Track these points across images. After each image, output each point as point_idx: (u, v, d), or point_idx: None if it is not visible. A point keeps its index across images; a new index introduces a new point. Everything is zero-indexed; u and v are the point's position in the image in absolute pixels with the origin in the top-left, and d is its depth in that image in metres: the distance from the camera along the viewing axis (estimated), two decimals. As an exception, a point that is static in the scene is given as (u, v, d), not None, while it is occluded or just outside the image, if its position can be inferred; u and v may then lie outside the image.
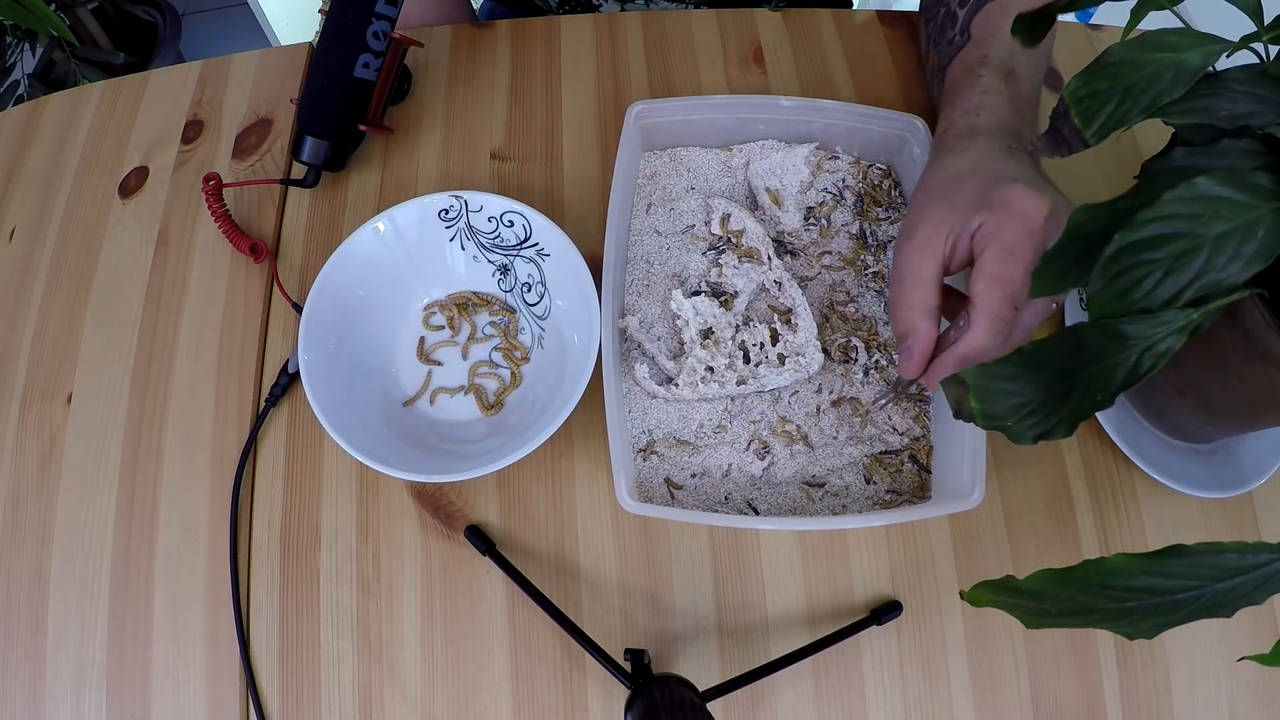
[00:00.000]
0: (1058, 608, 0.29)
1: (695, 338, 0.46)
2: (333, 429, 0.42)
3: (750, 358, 0.45)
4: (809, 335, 0.46)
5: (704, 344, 0.46)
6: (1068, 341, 0.30)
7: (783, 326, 0.46)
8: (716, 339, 0.46)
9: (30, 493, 0.48)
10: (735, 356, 0.45)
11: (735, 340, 0.45)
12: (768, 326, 0.46)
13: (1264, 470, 0.45)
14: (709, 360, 0.45)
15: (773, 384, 0.45)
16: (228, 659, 0.44)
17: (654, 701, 0.36)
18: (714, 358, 0.45)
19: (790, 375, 0.45)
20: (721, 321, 0.46)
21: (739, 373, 0.45)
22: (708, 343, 0.46)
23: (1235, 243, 0.28)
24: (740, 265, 0.48)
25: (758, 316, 0.47)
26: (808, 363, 0.45)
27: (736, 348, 0.46)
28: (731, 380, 0.45)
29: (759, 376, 0.45)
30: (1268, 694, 0.43)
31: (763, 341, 0.46)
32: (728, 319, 0.46)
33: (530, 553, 0.45)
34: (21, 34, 1.30)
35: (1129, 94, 0.30)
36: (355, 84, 0.50)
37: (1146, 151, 0.55)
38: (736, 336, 0.45)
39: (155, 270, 0.53)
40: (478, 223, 0.49)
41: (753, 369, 0.45)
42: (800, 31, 0.60)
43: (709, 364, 0.45)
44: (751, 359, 0.45)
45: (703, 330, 0.46)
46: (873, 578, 0.45)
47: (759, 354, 0.45)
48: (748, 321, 0.46)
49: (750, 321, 0.46)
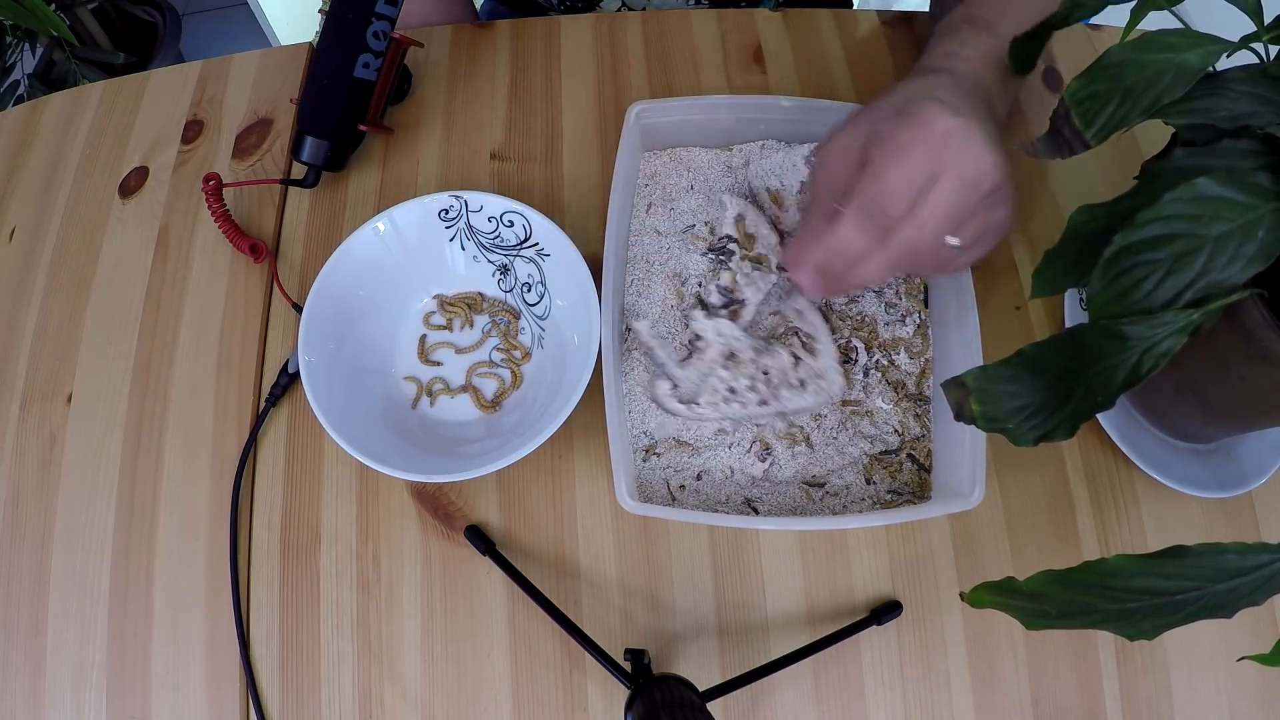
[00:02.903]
0: (1058, 609, 0.29)
1: (717, 359, 0.45)
2: (333, 429, 0.42)
3: (772, 379, 0.45)
4: (830, 360, 0.46)
5: (725, 365, 0.45)
6: (1068, 343, 0.30)
7: (803, 351, 0.46)
8: (739, 360, 0.46)
9: (30, 493, 0.48)
10: (757, 378, 0.45)
11: (757, 363, 0.45)
12: (788, 351, 0.46)
13: (1264, 470, 0.45)
14: (731, 381, 0.45)
15: (794, 406, 0.45)
16: (228, 659, 0.44)
17: (654, 701, 0.36)
18: (736, 379, 0.45)
19: (812, 399, 0.45)
20: (743, 344, 0.46)
21: (761, 394, 0.45)
22: (730, 363, 0.45)
23: (1235, 243, 0.28)
24: (750, 273, 0.47)
25: (774, 335, 0.47)
26: (828, 385, 0.45)
27: (758, 370, 0.45)
28: (754, 401, 0.45)
29: (781, 399, 0.45)
30: (1268, 694, 0.43)
31: (784, 367, 0.46)
32: (749, 341, 0.46)
33: (530, 553, 0.45)
34: (21, 34, 1.30)
35: (1129, 95, 0.30)
36: (355, 84, 0.50)
37: (1146, 152, 0.55)
38: (759, 360, 0.45)
39: (155, 270, 0.53)
40: (478, 223, 0.49)
41: (774, 390, 0.45)
42: (800, 31, 0.60)
43: (731, 384, 0.45)
44: (773, 381, 0.45)
45: (724, 352, 0.46)
46: (873, 578, 0.45)
47: (780, 377, 0.45)
48: (769, 344, 0.46)
49: (771, 344, 0.46)
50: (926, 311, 0.48)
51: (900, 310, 0.48)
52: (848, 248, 0.38)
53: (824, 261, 0.39)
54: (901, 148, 0.37)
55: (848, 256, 0.38)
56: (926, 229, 0.37)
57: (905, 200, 0.36)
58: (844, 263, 0.39)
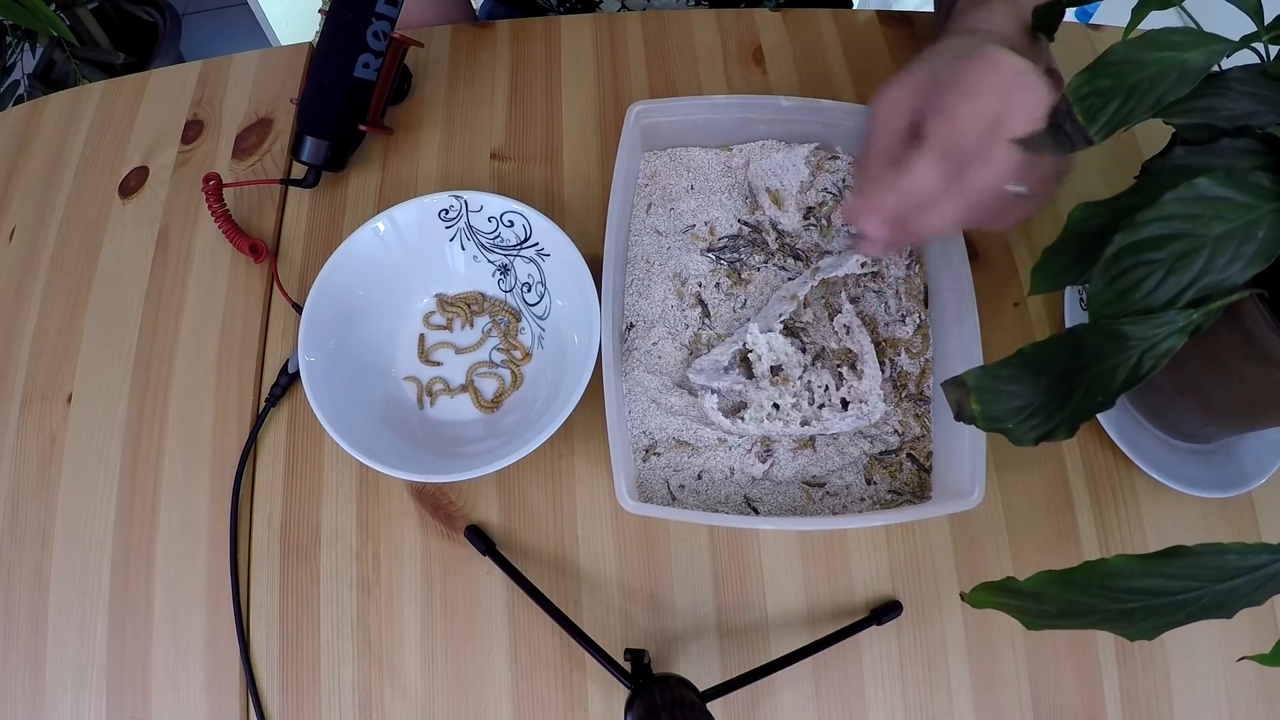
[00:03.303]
0: (1058, 609, 0.29)
1: (765, 373, 0.45)
2: (333, 429, 0.42)
3: (815, 399, 0.45)
4: (873, 383, 0.45)
5: (773, 380, 0.45)
6: (1068, 343, 0.30)
7: (848, 371, 0.46)
8: (785, 376, 0.45)
9: (30, 493, 0.48)
10: (801, 396, 0.45)
11: (802, 380, 0.45)
12: (833, 371, 0.46)
13: (1264, 470, 0.45)
14: (776, 398, 0.45)
15: (834, 428, 0.45)
16: (228, 659, 0.44)
17: (654, 701, 0.36)
18: (781, 395, 0.45)
19: (852, 422, 0.45)
20: (792, 360, 0.45)
21: (803, 413, 0.45)
22: (776, 379, 0.45)
23: (1235, 243, 0.28)
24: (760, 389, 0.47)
25: (819, 355, 0.47)
26: (870, 410, 0.45)
27: (803, 388, 0.45)
28: (796, 420, 0.44)
29: (822, 419, 0.45)
30: (1268, 694, 0.43)
31: (827, 384, 0.45)
32: (797, 358, 0.46)
33: (530, 553, 0.45)
34: (21, 34, 1.30)
35: (1133, 93, 0.30)
36: (355, 84, 0.50)
37: (1146, 151, 0.55)
38: (803, 376, 0.45)
39: (155, 270, 0.53)
40: (478, 223, 0.49)
41: (816, 410, 0.45)
42: (800, 31, 0.60)
43: (776, 401, 0.45)
44: (816, 400, 0.45)
45: (773, 366, 0.45)
46: (873, 578, 0.45)
47: (823, 395, 0.45)
48: (815, 362, 0.46)
49: (818, 363, 0.46)
50: (926, 311, 0.48)
51: (900, 310, 0.48)
52: (921, 189, 0.37)
53: (895, 206, 0.38)
54: (975, 87, 0.36)
55: (920, 198, 0.38)
56: (1001, 167, 0.36)
57: (979, 138, 0.36)
58: (916, 206, 0.38)
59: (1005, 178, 0.37)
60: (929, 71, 0.39)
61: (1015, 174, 0.37)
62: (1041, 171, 0.38)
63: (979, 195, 0.37)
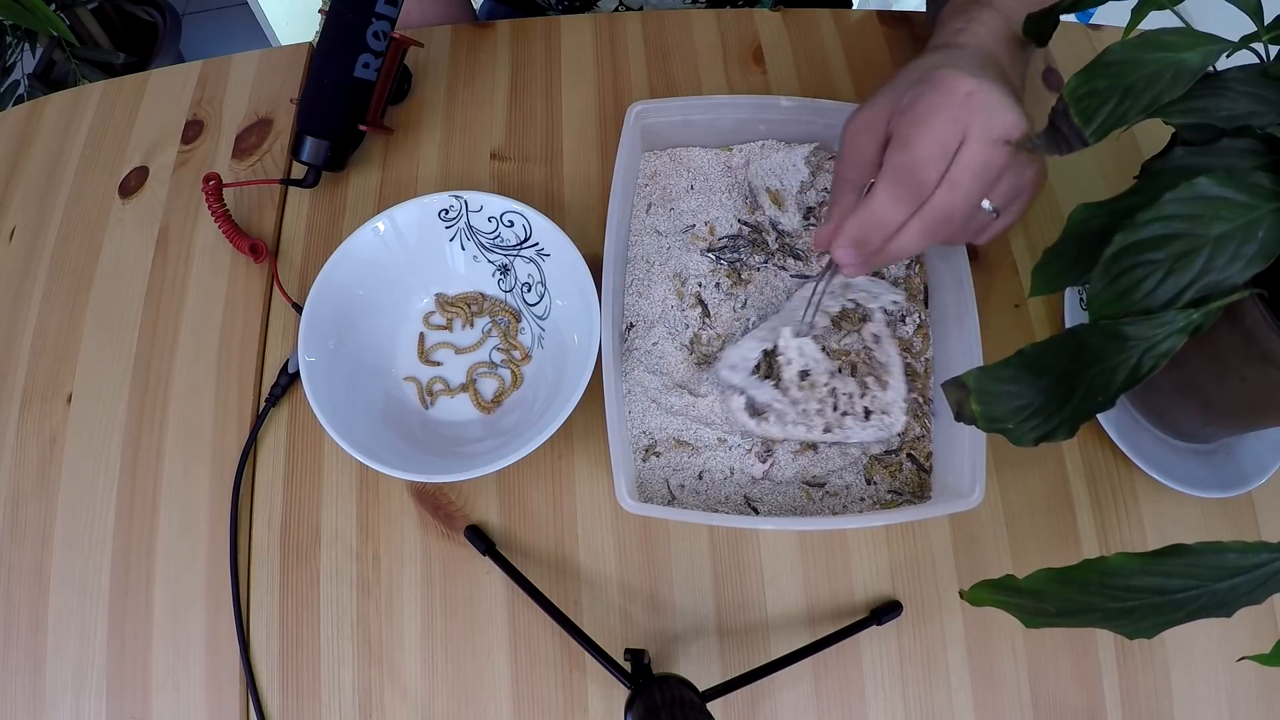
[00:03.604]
0: (1058, 607, 0.29)
1: (794, 378, 0.45)
2: (333, 429, 0.42)
3: (839, 406, 0.45)
4: (897, 395, 0.45)
5: (801, 385, 0.45)
6: (1068, 343, 0.30)
7: (874, 381, 0.46)
8: (812, 382, 0.45)
9: (30, 493, 0.48)
10: (826, 404, 0.45)
11: (828, 386, 0.45)
12: (859, 380, 0.46)
13: (1264, 470, 0.45)
14: (804, 403, 0.45)
15: (855, 438, 0.45)
16: (228, 659, 0.44)
17: (654, 701, 0.36)
18: (808, 400, 0.45)
19: (873, 432, 0.45)
20: (820, 367, 0.45)
21: (827, 419, 0.44)
22: (804, 384, 0.45)
23: (1235, 243, 0.28)
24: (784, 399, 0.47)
25: (847, 362, 0.47)
26: (891, 422, 0.45)
27: (828, 394, 0.45)
28: (819, 427, 0.44)
29: (844, 427, 0.44)
30: (1268, 694, 0.43)
31: (852, 392, 0.45)
32: (825, 365, 0.45)
33: (530, 553, 0.45)
34: (21, 34, 1.30)
35: (1129, 93, 0.30)
36: (355, 84, 0.50)
37: (1146, 151, 0.55)
38: (830, 383, 0.45)
39: (155, 270, 0.53)
40: (478, 223, 0.49)
41: (839, 418, 0.45)
42: (800, 31, 0.60)
43: (803, 406, 0.45)
44: (839, 406, 0.45)
45: (801, 371, 0.45)
46: (873, 578, 0.45)
47: (847, 403, 0.45)
48: (841, 369, 0.46)
49: (844, 371, 0.46)
50: (926, 311, 0.48)
51: (900, 310, 0.48)
52: (883, 219, 0.38)
53: (860, 235, 0.39)
54: (926, 114, 0.37)
55: (884, 228, 0.38)
56: (959, 190, 0.37)
57: (936, 165, 0.36)
58: (881, 235, 0.38)
59: (966, 200, 0.37)
60: (891, 98, 0.40)
61: (977, 193, 0.37)
62: (1010, 185, 0.38)
63: (942, 219, 0.37)
